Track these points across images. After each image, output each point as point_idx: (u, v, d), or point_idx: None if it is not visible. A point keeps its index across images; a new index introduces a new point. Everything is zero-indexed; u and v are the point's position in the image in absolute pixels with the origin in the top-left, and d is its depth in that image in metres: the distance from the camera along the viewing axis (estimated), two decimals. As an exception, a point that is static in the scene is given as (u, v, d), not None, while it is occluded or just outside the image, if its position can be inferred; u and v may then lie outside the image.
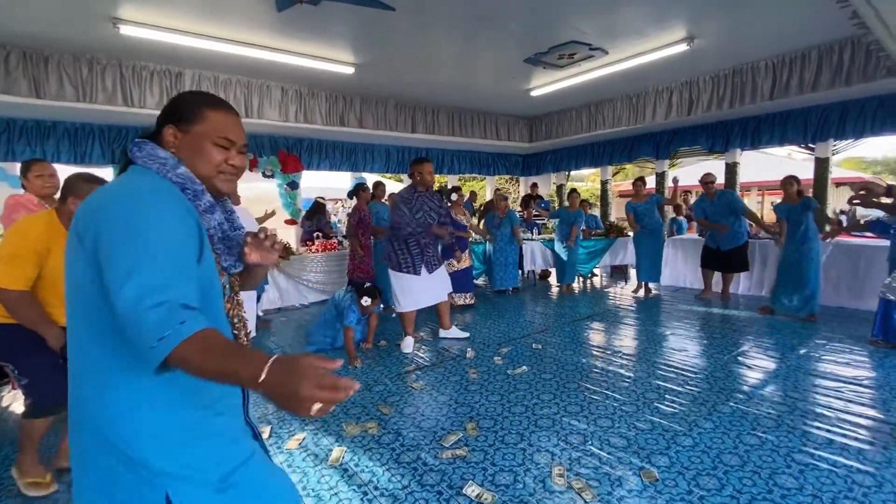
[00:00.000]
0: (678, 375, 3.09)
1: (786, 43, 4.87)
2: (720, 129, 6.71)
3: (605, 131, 7.20)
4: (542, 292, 6.33)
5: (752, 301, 5.27)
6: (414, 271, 3.66)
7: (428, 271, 3.74)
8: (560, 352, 3.65)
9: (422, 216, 3.65)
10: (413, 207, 3.62)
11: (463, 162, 9.07)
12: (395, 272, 3.71)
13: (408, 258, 3.65)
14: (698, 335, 4.02)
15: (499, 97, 6.82)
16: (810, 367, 3.17)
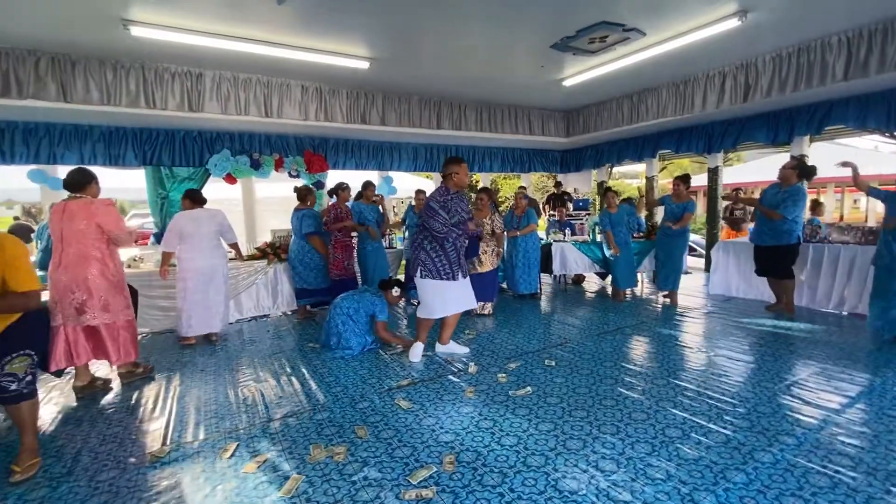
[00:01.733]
0: (711, 408, 2.60)
1: (863, 12, 4.12)
2: (783, 117, 5.92)
3: (649, 123, 6.58)
4: (572, 299, 5.85)
5: (835, 318, 4.53)
6: (453, 277, 3.44)
7: (463, 276, 3.55)
8: (574, 371, 3.24)
9: (457, 219, 3.43)
10: (449, 210, 3.40)
11: (495, 159, 8.71)
12: (431, 280, 3.41)
13: (446, 264, 3.42)
14: (743, 356, 3.45)
15: (529, 89, 6.41)
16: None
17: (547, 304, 5.51)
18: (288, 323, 4.98)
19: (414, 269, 3.51)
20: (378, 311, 3.83)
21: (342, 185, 5.19)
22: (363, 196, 5.35)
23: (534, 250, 5.53)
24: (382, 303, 3.86)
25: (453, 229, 3.37)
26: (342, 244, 5.14)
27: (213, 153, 5.96)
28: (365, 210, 5.25)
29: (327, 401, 2.86)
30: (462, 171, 3.38)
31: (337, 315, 3.82)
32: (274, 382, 3.23)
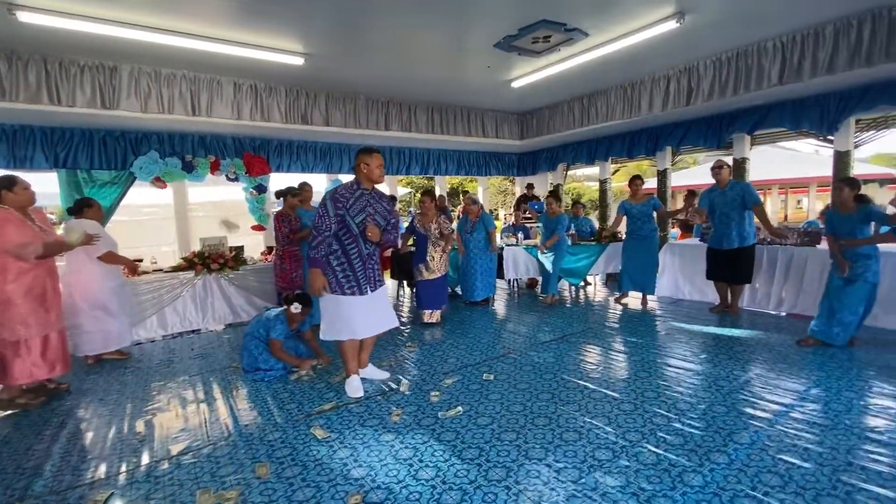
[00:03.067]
0: (646, 422, 2.47)
1: (796, 19, 4.18)
2: (725, 120, 6.01)
3: (599, 125, 6.56)
4: (523, 304, 5.72)
5: (775, 319, 4.57)
6: (359, 291, 2.94)
7: (372, 289, 3.04)
8: (511, 386, 3.06)
9: (362, 219, 2.92)
10: (350, 207, 2.88)
11: (450, 162, 8.53)
12: (332, 295, 2.89)
13: (350, 274, 2.91)
14: (688, 362, 3.37)
15: (480, 91, 6.26)
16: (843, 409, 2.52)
17: (498, 311, 5.35)
18: (218, 340, 4.59)
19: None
20: (271, 328, 3.40)
21: (293, 189, 4.84)
22: (302, 201, 5.00)
23: (487, 256, 5.37)
24: (279, 320, 3.44)
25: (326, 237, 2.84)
26: (291, 254, 4.75)
27: (139, 155, 5.48)
28: (305, 216, 4.91)
29: (234, 432, 2.56)
30: (373, 163, 2.91)
31: (247, 337, 3.51)
32: (179, 411, 2.89)
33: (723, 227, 4.54)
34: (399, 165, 7.85)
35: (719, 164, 4.57)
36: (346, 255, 2.91)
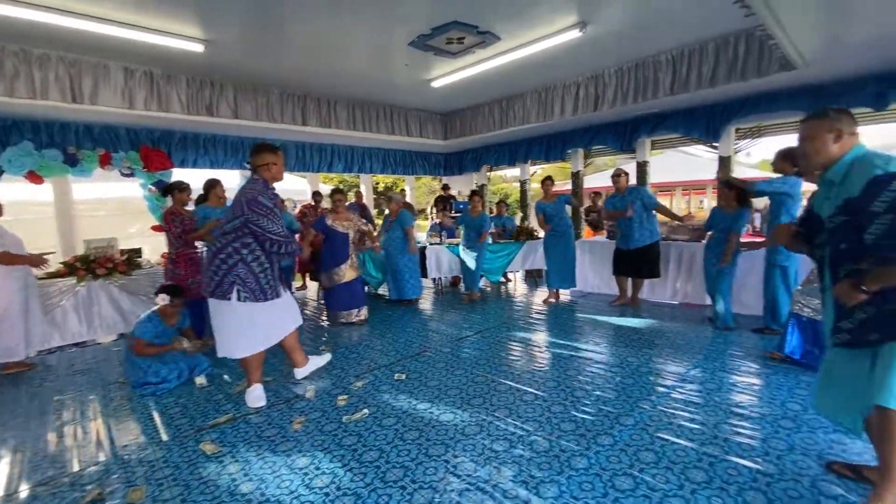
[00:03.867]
0: (543, 412, 2.58)
1: (683, 35, 4.59)
2: (629, 126, 6.50)
3: (517, 128, 6.79)
4: (446, 302, 5.78)
5: (669, 309, 4.98)
6: (277, 294, 2.80)
7: (286, 290, 2.98)
8: (422, 384, 3.06)
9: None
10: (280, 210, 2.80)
11: (375, 160, 8.40)
12: (255, 304, 2.67)
13: (271, 279, 2.75)
14: (592, 349, 3.58)
15: (401, 89, 6.21)
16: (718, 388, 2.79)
17: (419, 310, 5.34)
18: (105, 353, 4.13)
19: (220, 289, 2.64)
20: (136, 326, 3.14)
21: (180, 183, 4.32)
22: (209, 197, 4.55)
23: (407, 254, 5.33)
24: (149, 318, 3.18)
25: (290, 236, 2.84)
26: (186, 258, 4.14)
27: (8, 145, 4.78)
28: (213, 215, 4.48)
29: (109, 456, 2.30)
30: (280, 162, 2.79)
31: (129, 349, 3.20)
32: (48, 437, 2.55)
33: (627, 229, 4.89)
34: (320, 162, 7.59)
35: (618, 173, 4.94)
36: (269, 260, 2.77)
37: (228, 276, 2.63)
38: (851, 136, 1.67)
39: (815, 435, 2.23)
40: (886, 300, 1.53)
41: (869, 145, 1.67)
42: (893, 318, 1.54)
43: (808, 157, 1.73)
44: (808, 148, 1.72)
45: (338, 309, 4.70)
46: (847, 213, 1.58)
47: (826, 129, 1.66)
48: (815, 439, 2.19)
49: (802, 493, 1.81)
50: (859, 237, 1.54)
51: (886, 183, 1.47)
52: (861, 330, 1.61)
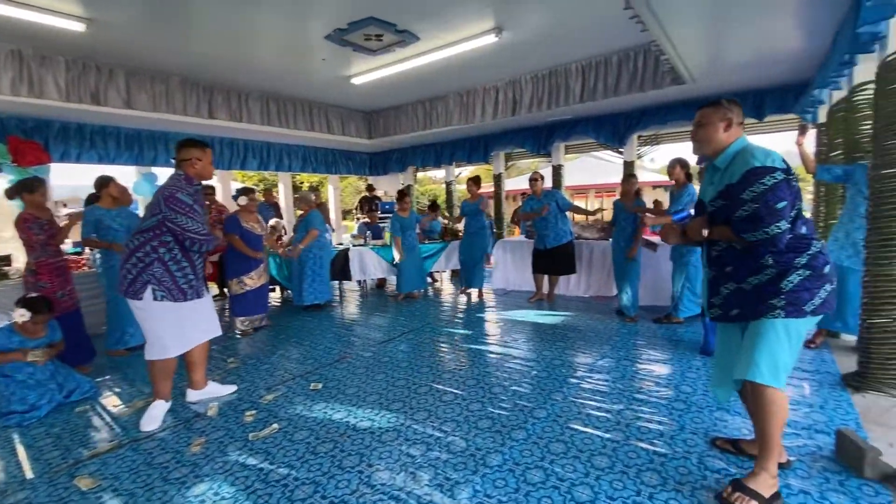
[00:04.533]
0: (461, 411, 2.59)
1: (591, 47, 4.90)
2: (546, 131, 6.82)
3: (440, 129, 6.82)
4: (370, 305, 5.65)
5: (582, 302, 5.27)
6: (198, 294, 2.68)
7: (207, 292, 2.83)
8: (340, 392, 2.94)
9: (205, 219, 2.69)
10: (201, 206, 2.63)
11: (294, 158, 8.01)
12: (171, 303, 2.52)
13: (192, 278, 2.62)
14: (511, 345, 3.68)
15: (320, 84, 5.96)
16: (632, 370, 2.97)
17: (339, 314, 5.16)
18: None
19: (133, 287, 2.48)
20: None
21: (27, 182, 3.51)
22: (101, 197, 3.97)
23: (318, 255, 5.07)
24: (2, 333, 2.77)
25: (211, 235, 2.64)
26: (50, 268, 3.43)
27: None
28: (106, 217, 3.90)
29: (-51, 504, 1.93)
30: (206, 158, 2.63)
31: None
32: None
33: (543, 230, 5.12)
34: (232, 159, 7.07)
35: (534, 177, 5.17)
36: (188, 258, 2.61)
37: (143, 275, 2.49)
38: (740, 126, 1.81)
39: (703, 414, 2.47)
40: (742, 279, 1.74)
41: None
42: (749, 298, 1.74)
43: (700, 142, 1.88)
44: (700, 134, 1.87)
45: (243, 315, 4.40)
46: (725, 197, 1.75)
47: (718, 118, 1.80)
48: (703, 418, 2.42)
49: (691, 469, 1.98)
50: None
51: (760, 175, 1.63)
52: (726, 305, 1.82)
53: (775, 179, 1.61)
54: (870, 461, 1.85)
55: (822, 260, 1.68)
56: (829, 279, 1.69)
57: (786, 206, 1.60)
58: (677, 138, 6.91)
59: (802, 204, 1.72)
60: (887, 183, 2.47)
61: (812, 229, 1.72)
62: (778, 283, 1.67)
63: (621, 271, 4.48)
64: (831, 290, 1.69)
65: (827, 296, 1.68)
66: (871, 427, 2.26)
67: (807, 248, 1.68)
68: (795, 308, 1.66)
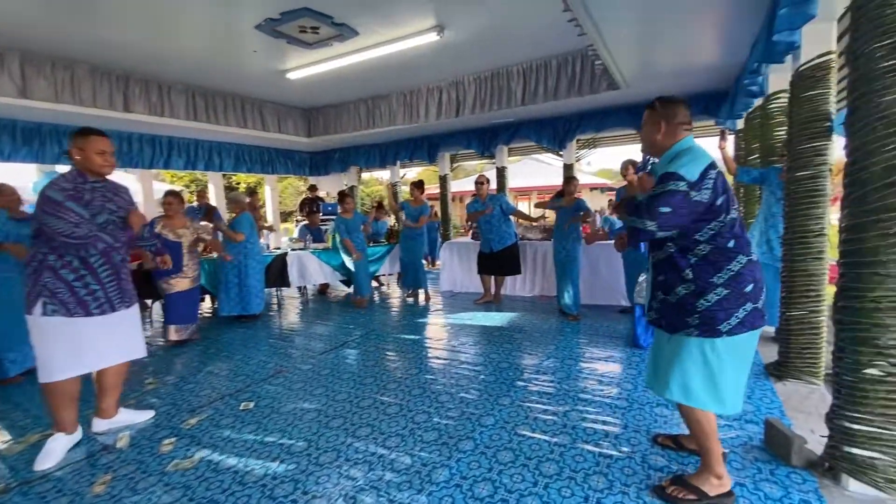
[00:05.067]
0: (407, 424, 2.47)
1: (531, 50, 4.95)
2: (489, 133, 6.86)
3: (384, 129, 6.65)
4: (312, 312, 5.36)
5: (527, 302, 5.30)
6: (109, 309, 2.32)
7: (126, 305, 2.42)
8: (274, 411, 2.71)
9: (105, 219, 2.28)
10: (89, 204, 2.24)
11: (226, 156, 7.49)
12: (64, 318, 2.20)
13: (97, 288, 2.26)
14: (458, 349, 3.60)
15: (252, 78, 5.59)
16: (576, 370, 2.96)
17: (277, 324, 4.84)
18: None
19: (27, 301, 2.18)
20: None
21: None
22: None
23: (251, 262, 4.72)
24: None
25: (100, 235, 2.22)
26: None
27: None
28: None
29: None
30: (89, 148, 2.23)
31: None
32: None
33: (488, 233, 5.10)
34: (153, 157, 6.47)
35: (480, 181, 5.15)
36: (87, 266, 2.25)
37: (35, 286, 2.19)
38: (679, 126, 1.75)
39: (644, 411, 2.52)
40: (669, 290, 1.73)
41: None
42: (672, 310, 1.72)
43: (643, 141, 1.92)
44: (642, 134, 1.90)
45: (178, 322, 4.01)
46: None
47: (653, 119, 1.80)
48: (644, 415, 2.47)
49: (635, 469, 1.99)
50: None
51: (667, 179, 1.62)
52: (658, 311, 1.81)
53: (676, 187, 1.58)
54: (796, 449, 1.94)
55: (745, 278, 1.63)
56: (752, 297, 1.63)
57: (667, 214, 1.57)
58: (613, 142, 7.22)
59: (730, 217, 1.62)
60: (802, 184, 2.65)
61: (743, 245, 1.65)
62: (695, 300, 1.66)
63: (562, 271, 4.56)
64: (752, 308, 1.63)
65: (746, 315, 1.62)
66: (794, 414, 2.41)
67: (727, 264, 1.63)
68: (709, 328, 1.64)
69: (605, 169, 35.92)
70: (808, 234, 2.71)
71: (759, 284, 1.66)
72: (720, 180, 1.62)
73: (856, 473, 1.76)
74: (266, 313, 5.21)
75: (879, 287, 1.67)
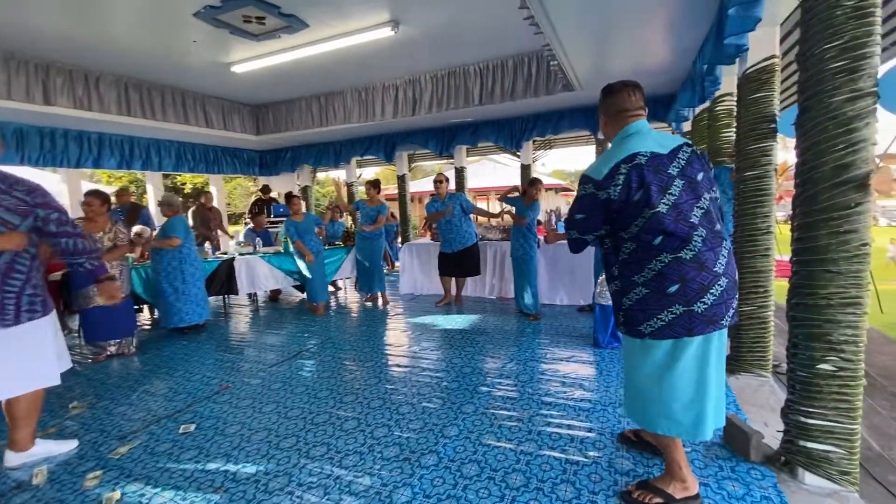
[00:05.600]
0: (366, 440, 2.32)
1: (488, 48, 4.90)
2: (447, 132, 6.77)
3: (338, 127, 6.40)
4: (264, 320, 5.05)
5: (488, 304, 5.24)
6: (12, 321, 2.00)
7: (7, 324, 2.00)
8: (221, 431, 2.48)
9: None
10: None
11: (165, 155, 6.95)
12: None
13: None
14: (419, 356, 3.47)
15: (193, 71, 5.19)
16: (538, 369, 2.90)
17: (224, 335, 4.51)
18: None
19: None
20: None
21: None
22: None
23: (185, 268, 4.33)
24: None
25: None
26: None
27: None
28: None
29: None
30: None
31: None
32: None
33: (448, 233, 5.01)
34: (81, 155, 5.89)
35: (439, 179, 5.06)
36: None
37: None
38: (620, 115, 1.69)
39: (608, 412, 2.50)
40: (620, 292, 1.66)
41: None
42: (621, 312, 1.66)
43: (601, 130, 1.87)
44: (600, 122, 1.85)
45: (95, 339, 3.64)
46: None
47: (601, 109, 1.79)
48: (608, 416, 2.45)
49: (602, 474, 1.95)
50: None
51: (581, 181, 1.62)
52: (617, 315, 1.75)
53: (584, 191, 1.59)
54: (754, 445, 1.97)
55: (669, 278, 1.50)
56: (680, 300, 1.49)
57: (583, 220, 1.59)
58: (567, 143, 7.34)
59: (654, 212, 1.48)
60: (750, 184, 2.74)
61: (674, 243, 1.50)
62: (620, 298, 1.64)
63: (518, 269, 4.54)
64: (683, 311, 1.49)
65: (675, 319, 1.50)
66: (748, 408, 2.47)
67: (649, 263, 1.53)
68: (631, 328, 1.61)
69: (560, 170, 37.02)
70: (756, 233, 2.79)
71: (691, 285, 1.49)
72: (636, 174, 1.49)
73: (811, 467, 1.80)
74: (212, 323, 4.86)
75: (831, 284, 1.71)
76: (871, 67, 1.59)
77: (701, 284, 1.50)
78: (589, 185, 1.56)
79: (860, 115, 1.60)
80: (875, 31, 1.57)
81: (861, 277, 1.68)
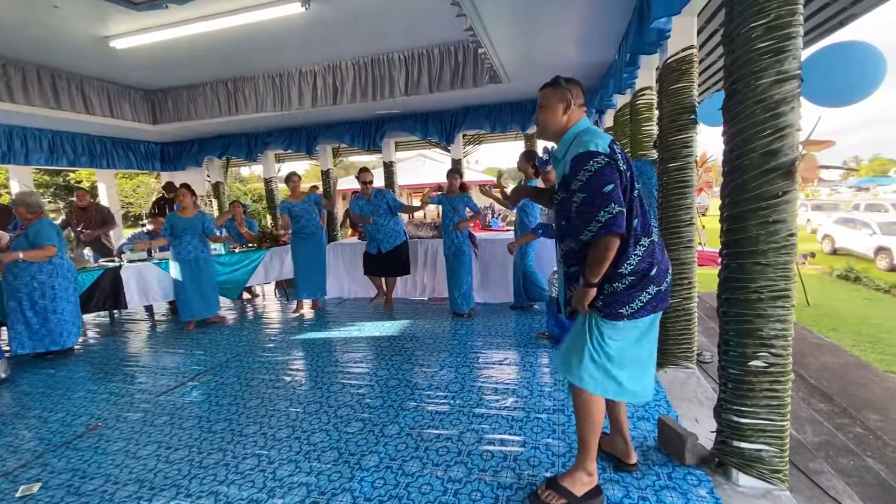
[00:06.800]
0: (297, 452, 1.95)
1: (412, 37, 4.61)
2: (374, 125, 6.40)
3: (250, 116, 5.78)
4: (160, 339, 4.37)
5: (419, 305, 4.96)
6: None
7: None
8: (73, 490, 1.96)
9: None
10: None
11: (34, 147, 5.89)
12: None
13: None
14: (354, 364, 3.11)
15: (62, 45, 4.37)
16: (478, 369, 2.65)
17: (103, 358, 3.81)
18: None
19: None
20: None
21: None
22: None
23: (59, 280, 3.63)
24: None
25: None
26: None
27: None
28: None
29: None
30: None
31: None
32: None
33: (375, 233, 4.66)
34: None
35: (367, 180, 4.73)
36: None
37: None
38: (580, 107, 1.67)
39: (541, 420, 2.33)
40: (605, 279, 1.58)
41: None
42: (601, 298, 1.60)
43: (543, 126, 1.71)
44: (541, 117, 1.70)
45: None
46: (564, 189, 1.60)
47: (558, 99, 1.64)
48: (542, 426, 2.27)
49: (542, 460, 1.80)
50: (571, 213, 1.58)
51: (584, 161, 1.49)
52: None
53: (599, 164, 1.48)
54: (689, 447, 1.88)
55: (647, 262, 1.56)
56: (655, 280, 1.57)
57: (614, 189, 1.47)
58: (497, 139, 7.27)
59: (637, 194, 1.56)
60: (673, 175, 2.70)
61: (645, 227, 1.58)
62: (602, 285, 1.58)
63: (451, 267, 4.34)
64: (656, 292, 1.57)
65: (650, 299, 1.57)
66: (678, 403, 2.42)
67: (634, 249, 1.55)
68: (611, 311, 1.57)
69: (493, 167, 37.75)
70: (680, 224, 2.77)
71: (661, 266, 1.59)
72: (622, 155, 1.56)
73: (744, 468, 1.73)
74: (91, 345, 4.11)
75: (761, 277, 1.63)
76: (796, 48, 1.51)
77: (666, 265, 1.64)
78: (600, 158, 1.48)
79: (786, 99, 1.53)
80: (798, 9, 1.50)
81: (789, 269, 1.62)
